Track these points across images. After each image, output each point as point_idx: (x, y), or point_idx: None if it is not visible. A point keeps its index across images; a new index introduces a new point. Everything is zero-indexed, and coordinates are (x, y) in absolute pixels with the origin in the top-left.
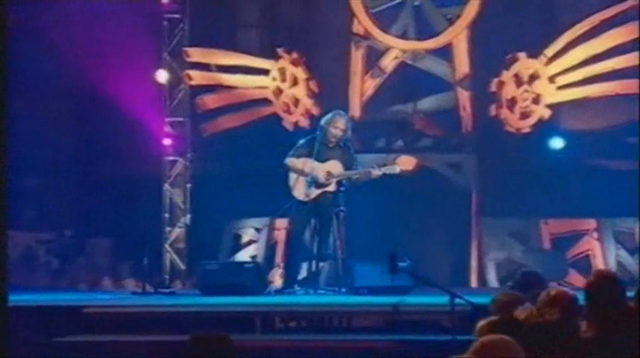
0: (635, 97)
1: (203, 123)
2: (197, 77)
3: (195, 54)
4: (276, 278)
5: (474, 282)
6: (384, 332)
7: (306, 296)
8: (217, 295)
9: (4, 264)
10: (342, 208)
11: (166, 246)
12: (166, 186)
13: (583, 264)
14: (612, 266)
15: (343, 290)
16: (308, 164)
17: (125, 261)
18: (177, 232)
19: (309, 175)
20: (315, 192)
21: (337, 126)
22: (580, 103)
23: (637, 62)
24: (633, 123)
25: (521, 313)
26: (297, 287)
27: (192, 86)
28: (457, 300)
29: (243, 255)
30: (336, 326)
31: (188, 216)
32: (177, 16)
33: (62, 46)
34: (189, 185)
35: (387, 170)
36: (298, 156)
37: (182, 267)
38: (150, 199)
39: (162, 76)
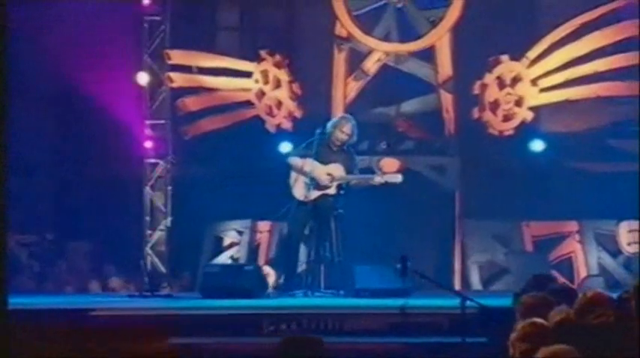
0: (616, 100)
1: (184, 125)
2: (178, 79)
3: (177, 56)
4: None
5: (457, 285)
6: (390, 334)
7: (309, 299)
8: (218, 298)
9: (4, 266)
10: (340, 210)
11: (147, 248)
12: (147, 189)
13: (565, 266)
14: (594, 268)
15: (342, 292)
16: (308, 164)
17: (108, 263)
18: (158, 235)
19: (309, 175)
20: (314, 194)
21: (343, 130)
22: (561, 106)
23: (618, 65)
24: (614, 125)
25: (555, 315)
26: (295, 290)
27: (173, 88)
28: (468, 303)
29: (225, 258)
30: (341, 329)
31: (169, 219)
32: (157, 18)
33: (43, 46)
34: (170, 188)
35: (390, 178)
36: (302, 156)
37: (163, 269)
38: (131, 202)
39: (143, 78)
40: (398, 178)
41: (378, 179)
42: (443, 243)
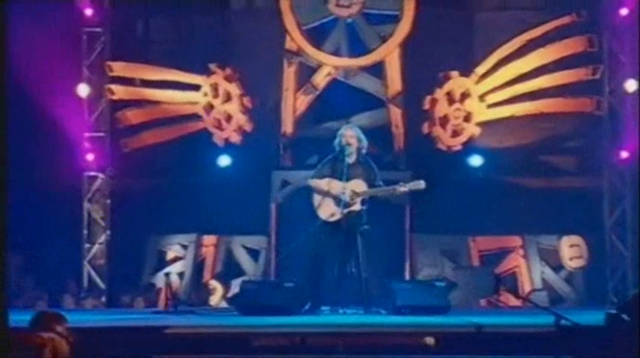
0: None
1: (125, 138)
2: (120, 92)
3: (119, 68)
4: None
5: None
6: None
7: (358, 317)
8: (255, 315)
9: (4, 275)
10: (365, 226)
11: (85, 262)
12: (85, 202)
13: (510, 280)
14: (538, 282)
15: (381, 310)
16: (333, 184)
17: (45, 277)
18: (96, 249)
19: (332, 195)
20: (341, 213)
21: (348, 135)
22: (503, 122)
23: (561, 82)
24: (548, 140)
25: None
26: (322, 306)
27: (113, 101)
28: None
29: (169, 272)
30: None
31: (108, 233)
32: (98, 29)
33: None
34: (108, 201)
35: (413, 186)
36: (321, 177)
37: (101, 284)
38: (70, 215)
39: (83, 90)
40: (421, 185)
41: (401, 189)
42: (394, 257)
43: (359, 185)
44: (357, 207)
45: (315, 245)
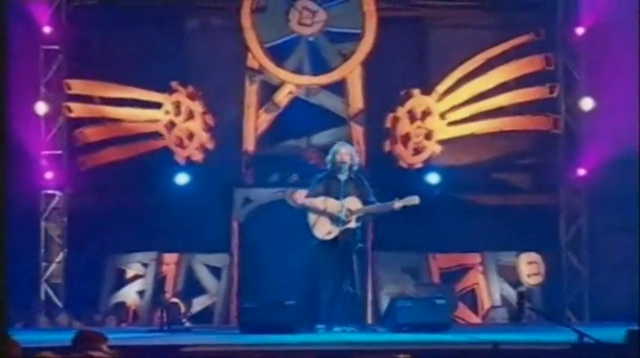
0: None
1: (83, 156)
2: (78, 110)
3: (77, 86)
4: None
5: (369, 318)
6: None
7: (363, 334)
8: (258, 333)
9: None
10: (360, 244)
11: (42, 281)
12: (42, 221)
13: (470, 297)
14: (497, 299)
15: (378, 328)
16: (329, 203)
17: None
18: (53, 267)
19: (327, 214)
20: (336, 231)
21: (342, 152)
22: (463, 140)
23: (520, 99)
24: (505, 158)
25: None
26: (318, 326)
27: (71, 119)
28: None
29: (129, 291)
30: None
31: (65, 251)
32: (55, 47)
33: None
34: (65, 219)
35: (408, 202)
36: (316, 195)
37: (59, 303)
38: (27, 234)
39: (41, 108)
40: (415, 200)
41: (396, 204)
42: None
43: (354, 202)
44: (352, 224)
45: (310, 263)
